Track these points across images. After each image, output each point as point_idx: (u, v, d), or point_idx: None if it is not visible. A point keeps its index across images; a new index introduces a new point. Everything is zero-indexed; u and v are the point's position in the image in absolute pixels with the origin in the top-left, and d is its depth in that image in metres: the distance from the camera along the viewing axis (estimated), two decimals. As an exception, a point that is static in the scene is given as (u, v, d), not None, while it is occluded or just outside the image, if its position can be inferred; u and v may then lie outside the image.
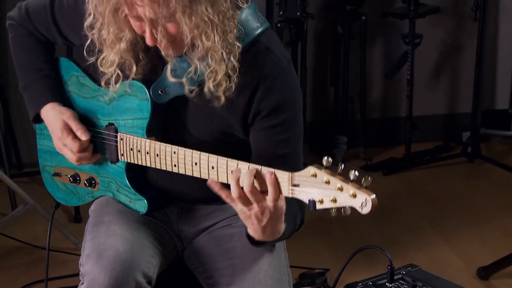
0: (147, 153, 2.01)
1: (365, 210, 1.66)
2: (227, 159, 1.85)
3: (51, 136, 2.16)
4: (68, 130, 2.11)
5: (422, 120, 4.50)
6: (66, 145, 2.11)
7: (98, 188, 2.20)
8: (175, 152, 1.95)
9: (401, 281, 2.22)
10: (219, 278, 2.07)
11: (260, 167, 1.78)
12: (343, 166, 1.70)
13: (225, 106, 1.94)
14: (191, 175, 1.93)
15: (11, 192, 3.68)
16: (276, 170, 1.76)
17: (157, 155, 1.99)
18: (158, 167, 2.00)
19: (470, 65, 4.42)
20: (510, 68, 4.68)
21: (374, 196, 1.64)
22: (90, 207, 2.23)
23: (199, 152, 1.90)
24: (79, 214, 3.69)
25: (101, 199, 2.20)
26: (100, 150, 2.15)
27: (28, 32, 2.19)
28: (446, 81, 4.67)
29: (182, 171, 1.95)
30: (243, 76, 1.92)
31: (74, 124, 2.11)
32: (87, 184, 2.21)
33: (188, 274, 2.17)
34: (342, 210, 1.69)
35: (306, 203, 1.73)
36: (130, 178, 2.12)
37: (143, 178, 2.14)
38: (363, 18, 4.22)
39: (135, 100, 2.02)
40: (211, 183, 1.82)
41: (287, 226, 1.90)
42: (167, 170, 1.98)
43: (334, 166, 1.71)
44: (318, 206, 1.70)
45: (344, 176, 1.68)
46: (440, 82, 4.67)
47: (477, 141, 4.39)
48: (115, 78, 1.99)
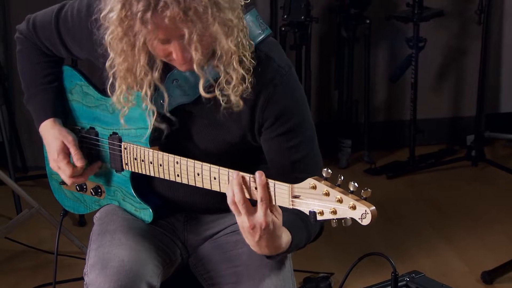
0: (151, 162, 2.02)
1: (365, 222, 1.67)
2: (228, 170, 1.85)
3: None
4: (65, 153, 2.13)
5: (426, 124, 4.49)
6: (60, 168, 2.13)
7: (105, 197, 2.21)
8: (177, 162, 1.96)
9: (405, 288, 2.24)
10: (223, 286, 2.08)
11: (249, 175, 1.79)
12: (342, 177, 1.71)
13: (229, 117, 1.93)
14: (194, 185, 1.94)
15: (16, 196, 3.68)
16: (276, 182, 1.77)
17: (160, 165, 2.00)
18: (161, 176, 2.00)
19: (474, 68, 4.42)
20: (515, 71, 4.69)
21: (373, 208, 1.66)
22: (95, 214, 2.24)
23: (201, 163, 1.91)
24: (83, 217, 3.71)
25: (106, 207, 2.21)
26: (104, 160, 2.16)
27: (34, 45, 2.20)
28: (450, 84, 4.67)
29: (185, 181, 1.95)
30: None
31: (73, 150, 2.13)
32: (93, 192, 2.22)
33: (193, 280, 2.18)
34: (343, 221, 1.71)
35: (307, 214, 1.74)
36: (135, 187, 2.12)
37: (149, 187, 2.14)
38: (367, 21, 4.21)
39: (138, 109, 2.02)
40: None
41: (293, 238, 1.90)
42: (171, 179, 1.99)
43: (334, 177, 1.72)
44: (319, 217, 1.72)
45: (344, 187, 1.70)
46: (444, 85, 4.66)
47: (481, 144, 4.38)
48: (124, 95, 1.97)
